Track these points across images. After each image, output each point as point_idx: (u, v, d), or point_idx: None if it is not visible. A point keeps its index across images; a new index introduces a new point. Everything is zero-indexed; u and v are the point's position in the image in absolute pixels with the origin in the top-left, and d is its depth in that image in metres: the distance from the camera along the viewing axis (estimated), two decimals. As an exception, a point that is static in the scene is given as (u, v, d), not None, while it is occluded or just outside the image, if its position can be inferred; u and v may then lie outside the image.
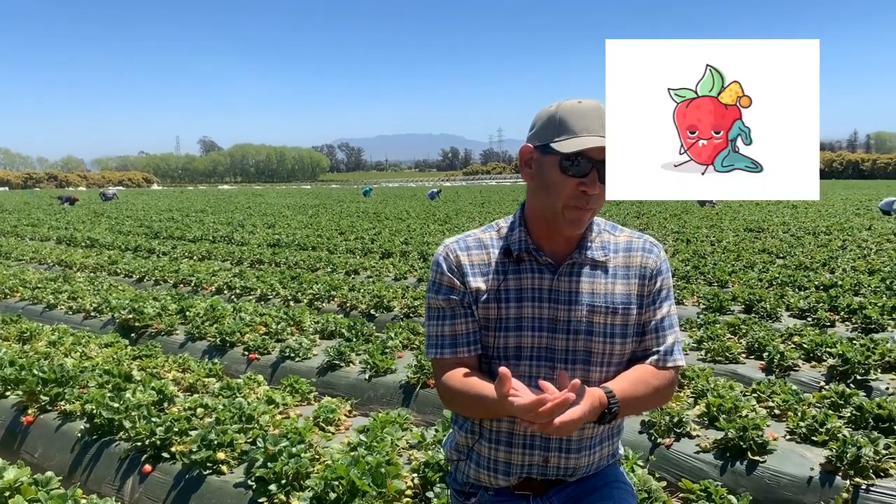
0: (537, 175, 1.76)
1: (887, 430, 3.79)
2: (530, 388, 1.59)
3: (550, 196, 1.73)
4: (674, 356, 1.84)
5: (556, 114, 1.71)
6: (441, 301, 1.84)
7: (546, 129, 1.72)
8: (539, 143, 1.74)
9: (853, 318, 6.60)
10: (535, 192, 1.80)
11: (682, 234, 15.10)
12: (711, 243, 13.40)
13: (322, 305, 8.05)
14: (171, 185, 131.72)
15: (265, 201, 40.25)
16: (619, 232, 1.90)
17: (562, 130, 1.69)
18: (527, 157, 1.80)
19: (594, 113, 1.69)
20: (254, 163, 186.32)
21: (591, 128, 1.68)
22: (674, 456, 3.85)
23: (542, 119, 1.75)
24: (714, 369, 5.14)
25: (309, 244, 14.33)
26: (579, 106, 1.70)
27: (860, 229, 15.63)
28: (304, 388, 4.86)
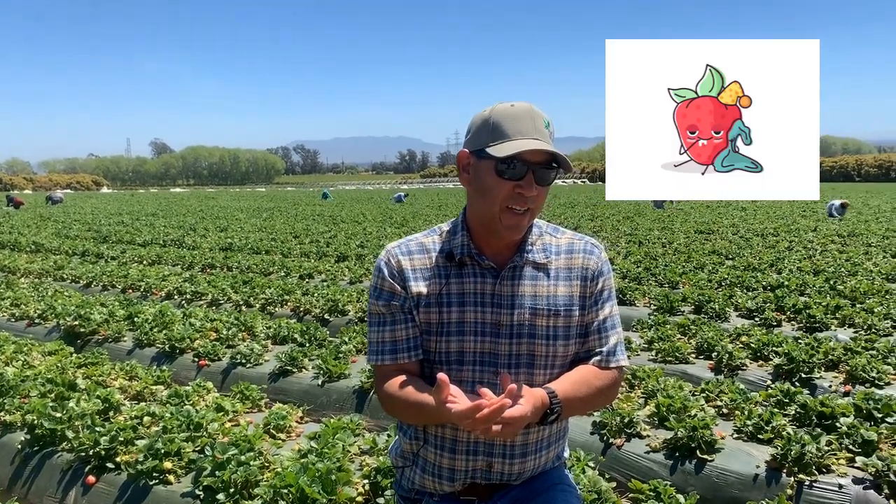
0: (474, 180, 1.76)
1: (830, 427, 3.89)
2: (470, 393, 1.59)
3: (488, 200, 1.73)
4: (617, 356, 1.86)
5: (489, 118, 1.71)
6: (382, 307, 1.83)
7: (481, 134, 1.72)
8: (475, 148, 1.74)
9: (798, 318, 6.77)
10: (473, 196, 1.80)
11: (634, 237, 15.32)
12: (663, 245, 13.62)
13: (275, 310, 7.94)
14: (121, 188, 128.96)
15: (218, 204, 39.65)
16: (560, 234, 1.90)
17: (496, 135, 1.69)
18: (464, 163, 1.79)
19: (527, 116, 1.69)
20: (207, 165, 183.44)
21: (524, 131, 1.68)
22: (625, 456, 3.88)
23: (477, 124, 1.75)
24: (665, 369, 5.21)
25: (262, 248, 14.15)
26: (512, 109, 1.70)
27: (806, 231, 16.06)
28: (255, 394, 4.78)
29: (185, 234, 17.64)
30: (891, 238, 14.10)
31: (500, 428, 1.51)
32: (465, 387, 1.77)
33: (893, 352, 5.23)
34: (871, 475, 3.36)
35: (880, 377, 4.80)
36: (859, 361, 4.93)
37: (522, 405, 1.55)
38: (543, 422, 1.67)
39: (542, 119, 1.71)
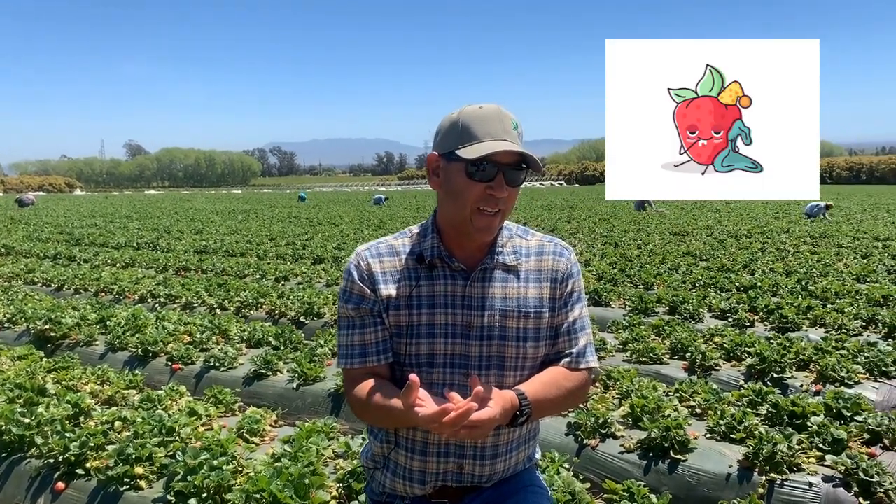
0: (445, 182, 1.76)
1: (800, 427, 3.94)
2: (440, 396, 1.59)
3: (459, 202, 1.73)
4: (586, 358, 1.87)
5: (458, 121, 1.71)
6: (351, 310, 1.82)
7: (450, 137, 1.72)
8: (444, 150, 1.74)
9: (771, 318, 6.84)
10: (444, 199, 1.80)
11: (610, 238, 15.41)
12: (638, 246, 13.72)
13: (250, 313, 7.88)
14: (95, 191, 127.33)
15: (193, 206, 39.30)
16: (530, 236, 1.91)
17: (465, 137, 1.69)
18: (434, 166, 1.79)
19: (495, 117, 1.69)
20: (182, 167, 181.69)
21: (493, 132, 1.68)
22: (599, 457, 3.90)
23: (445, 127, 1.75)
24: (639, 370, 5.24)
25: (237, 250, 14.05)
26: (480, 111, 1.71)
27: (779, 232, 16.26)
28: (229, 398, 4.74)
29: (160, 237, 17.46)
30: (861, 239, 14.32)
31: (469, 430, 1.51)
32: (436, 389, 1.77)
33: (863, 351, 5.30)
34: (840, 473, 3.40)
35: (850, 376, 4.87)
36: (830, 361, 5.00)
37: (491, 407, 1.56)
38: (513, 423, 1.67)
39: (511, 120, 1.72)
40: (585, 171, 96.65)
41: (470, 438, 1.59)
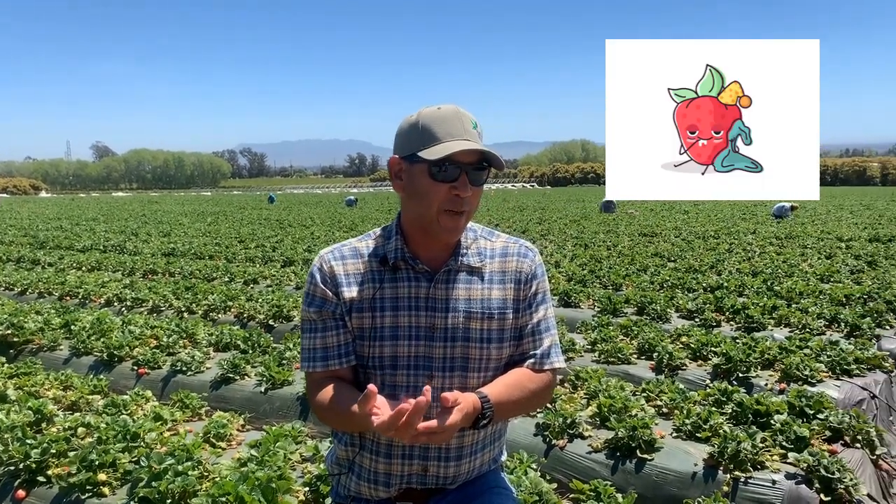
0: (408, 185, 1.76)
1: (764, 425, 3.99)
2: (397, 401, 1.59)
3: (424, 204, 1.73)
4: (550, 359, 1.87)
5: (417, 122, 1.72)
6: (313, 313, 1.81)
7: (410, 139, 1.73)
8: (405, 153, 1.74)
9: (737, 318, 6.93)
10: (408, 201, 1.80)
11: (580, 239, 15.52)
12: (608, 248, 13.83)
13: (218, 317, 7.80)
14: (61, 193, 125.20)
15: (162, 209, 38.83)
16: (495, 237, 1.92)
17: (426, 138, 1.69)
18: (396, 169, 1.79)
19: (455, 117, 1.70)
20: (151, 169, 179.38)
21: (454, 132, 1.68)
22: (567, 457, 3.92)
23: (405, 129, 1.75)
24: (607, 370, 5.28)
25: (206, 253, 13.90)
26: (439, 112, 1.71)
27: (745, 233, 16.50)
28: (196, 402, 4.68)
29: (127, 240, 17.21)
30: (825, 240, 14.59)
31: (431, 435, 1.52)
32: (399, 391, 1.77)
33: (826, 350, 5.39)
34: (802, 470, 3.45)
35: (813, 375, 4.95)
36: (794, 360, 5.07)
37: (454, 411, 1.56)
38: (475, 426, 1.68)
39: (470, 120, 1.72)
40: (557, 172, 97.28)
41: (433, 443, 1.59)
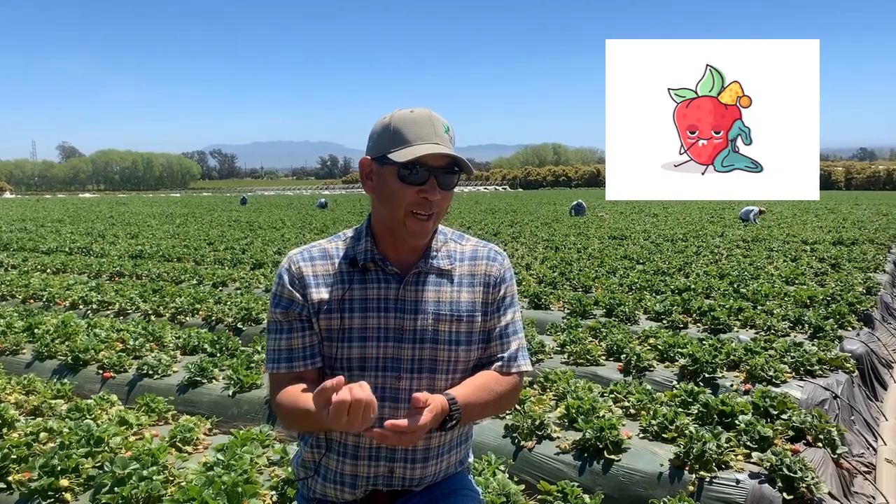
0: (378, 186, 1.77)
1: (729, 425, 4.05)
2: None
3: (392, 206, 1.73)
4: (518, 362, 1.89)
5: (389, 125, 1.72)
6: (279, 315, 1.81)
7: (382, 141, 1.73)
8: (376, 154, 1.75)
9: (704, 320, 7.02)
10: (378, 203, 1.80)
11: (551, 242, 15.60)
12: (578, 250, 13.92)
13: (186, 319, 7.72)
14: (26, 194, 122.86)
15: (130, 210, 38.29)
16: (465, 241, 1.92)
17: (397, 141, 1.70)
18: (367, 170, 1.80)
19: (426, 121, 1.71)
20: (119, 170, 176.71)
21: (424, 136, 1.69)
22: (536, 458, 3.94)
23: (377, 131, 1.76)
24: (576, 372, 5.32)
25: (174, 255, 13.74)
26: (411, 115, 1.72)
27: (713, 236, 16.70)
28: (162, 406, 4.63)
29: (94, 242, 16.95)
30: (791, 243, 14.83)
31: (400, 437, 1.52)
32: None
33: (790, 351, 5.48)
34: (766, 470, 3.51)
35: (777, 376, 5.03)
36: (758, 361, 5.15)
37: (423, 414, 1.56)
38: (442, 428, 1.68)
39: (442, 124, 1.73)
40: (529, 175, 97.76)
41: (402, 444, 1.59)
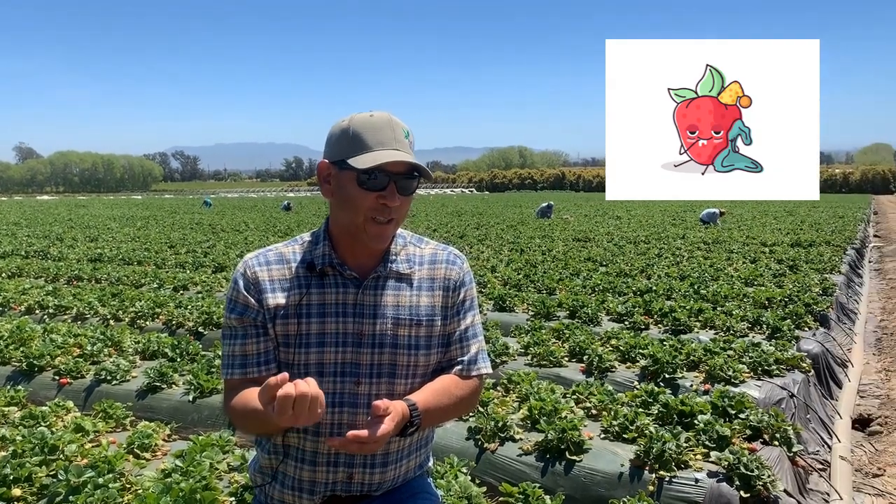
0: (337, 191, 1.75)
1: (689, 425, 4.11)
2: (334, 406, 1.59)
3: (352, 211, 1.72)
4: (478, 365, 1.89)
5: (349, 129, 1.71)
6: (234, 320, 1.79)
7: (341, 145, 1.72)
8: (335, 158, 1.73)
9: (665, 321, 7.11)
10: (336, 207, 1.79)
11: (516, 245, 15.67)
12: (543, 253, 14.01)
13: (146, 324, 7.59)
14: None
15: (89, 213, 37.56)
16: (424, 244, 1.92)
17: (356, 146, 1.68)
18: (325, 174, 1.78)
19: (386, 126, 1.70)
20: (78, 172, 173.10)
21: (384, 141, 1.68)
22: (498, 460, 3.95)
23: (336, 135, 1.74)
24: (539, 373, 5.35)
25: (135, 258, 13.51)
26: (371, 119, 1.71)
27: (675, 238, 16.93)
28: (120, 413, 4.55)
29: (51, 245, 16.61)
30: (750, 245, 15.09)
31: (361, 445, 1.52)
32: (326, 399, 1.76)
33: (748, 352, 5.58)
34: (724, 468, 3.56)
35: (736, 375, 5.11)
36: (718, 361, 5.23)
37: (385, 422, 1.56)
38: (403, 434, 1.68)
39: (402, 129, 1.73)
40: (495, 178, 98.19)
41: (363, 452, 1.59)
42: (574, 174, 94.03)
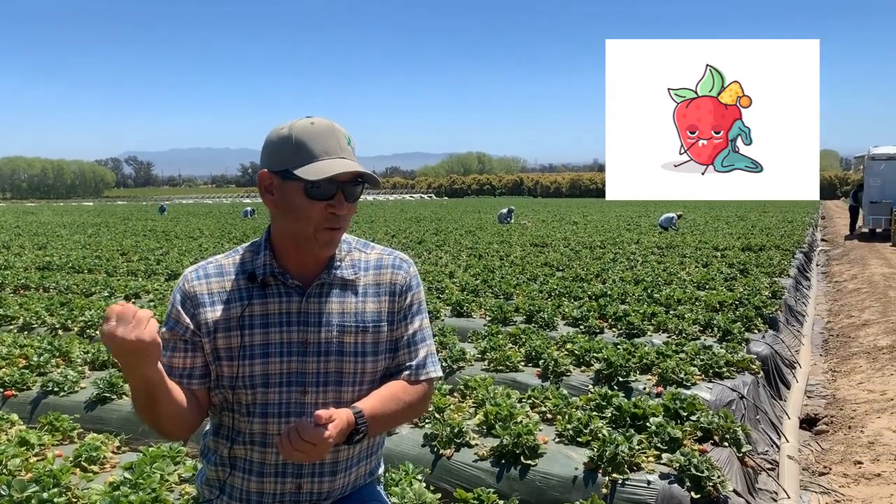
0: (281, 201, 1.73)
1: (641, 427, 4.16)
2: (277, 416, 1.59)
3: (300, 221, 1.70)
4: (426, 369, 1.89)
5: (290, 137, 1.68)
6: (166, 333, 1.76)
7: (283, 154, 1.69)
8: (278, 168, 1.70)
9: (619, 325, 7.21)
10: (281, 217, 1.76)
11: (475, 250, 15.73)
12: (501, 258, 14.08)
13: (96, 333, 7.41)
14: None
15: (38, 220, 36.58)
16: (369, 249, 1.91)
17: (302, 155, 1.66)
18: (266, 184, 1.75)
19: (330, 133, 1.69)
20: (27, 178, 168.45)
21: (330, 150, 1.67)
22: (454, 466, 3.95)
23: (276, 143, 1.71)
24: (496, 378, 5.37)
25: (85, 266, 13.20)
26: (313, 127, 1.69)
27: (629, 243, 17.17)
28: (67, 425, 4.43)
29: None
30: (702, 249, 15.38)
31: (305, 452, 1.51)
32: (272, 409, 1.74)
33: (699, 354, 5.68)
34: (675, 470, 3.62)
35: (687, 378, 5.20)
36: (670, 364, 5.32)
37: (328, 428, 1.55)
38: (349, 441, 1.67)
39: (344, 136, 1.72)
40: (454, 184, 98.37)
41: (308, 460, 1.58)
42: (532, 180, 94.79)
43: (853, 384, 6.72)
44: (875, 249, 18.79)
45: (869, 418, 5.64)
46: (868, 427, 5.44)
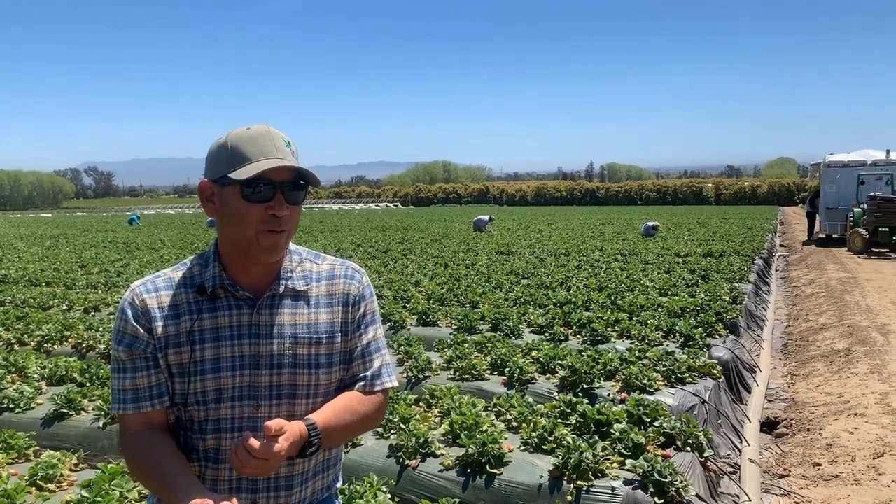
0: (222, 208, 1.71)
1: (605, 434, 4.20)
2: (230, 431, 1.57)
3: (241, 226, 1.68)
4: (381, 379, 1.87)
5: (226, 144, 1.67)
6: (122, 353, 1.71)
7: (220, 161, 1.68)
8: (216, 175, 1.69)
9: (583, 332, 7.26)
10: (224, 225, 1.74)
11: (441, 259, 15.74)
12: (467, 266, 14.11)
13: (53, 348, 7.27)
14: None
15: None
16: (321, 260, 1.90)
17: (236, 159, 1.65)
18: (207, 193, 1.73)
19: (265, 136, 1.68)
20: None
21: (265, 151, 1.66)
22: (420, 477, 3.94)
23: (214, 151, 1.71)
24: (461, 387, 5.37)
25: (42, 279, 12.93)
26: (248, 132, 1.68)
27: (594, 250, 17.32)
28: (23, 443, 4.33)
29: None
30: (665, 256, 15.58)
31: (255, 467, 1.49)
32: (224, 424, 1.72)
33: (662, 360, 5.75)
34: (639, 476, 3.66)
35: (651, 384, 5.26)
36: (633, 370, 5.37)
37: (279, 442, 1.53)
38: (302, 455, 1.65)
39: (282, 138, 1.70)
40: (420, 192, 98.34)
41: (258, 475, 1.56)
42: (498, 188, 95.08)
43: (811, 387, 6.86)
44: (832, 254, 19.22)
45: (826, 421, 5.76)
46: (826, 429, 5.55)
